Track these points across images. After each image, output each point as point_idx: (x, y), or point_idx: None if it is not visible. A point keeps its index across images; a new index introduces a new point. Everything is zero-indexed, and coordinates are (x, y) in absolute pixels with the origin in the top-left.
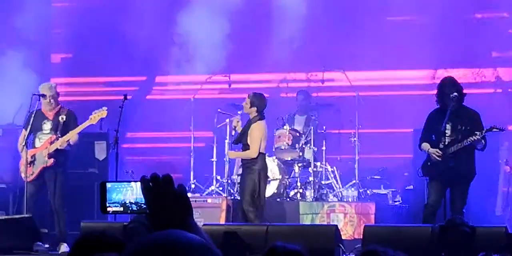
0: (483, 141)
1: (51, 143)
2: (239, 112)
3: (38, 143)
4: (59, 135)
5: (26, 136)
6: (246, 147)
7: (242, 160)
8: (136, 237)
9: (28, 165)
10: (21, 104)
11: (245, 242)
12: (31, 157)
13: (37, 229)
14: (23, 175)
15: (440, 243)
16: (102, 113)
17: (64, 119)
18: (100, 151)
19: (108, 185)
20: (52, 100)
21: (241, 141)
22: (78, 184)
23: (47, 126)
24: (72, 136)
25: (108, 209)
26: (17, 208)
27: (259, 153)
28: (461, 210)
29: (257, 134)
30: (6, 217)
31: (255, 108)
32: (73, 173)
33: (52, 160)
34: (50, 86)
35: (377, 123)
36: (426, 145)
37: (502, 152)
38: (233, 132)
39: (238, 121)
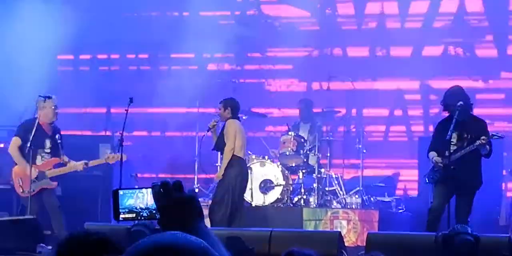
0: (487, 146)
1: (55, 166)
2: (244, 117)
3: (39, 161)
4: (65, 159)
5: (21, 146)
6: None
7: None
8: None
9: (26, 179)
10: (25, 106)
11: (248, 247)
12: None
13: (40, 231)
14: (20, 189)
15: (443, 252)
16: (124, 157)
17: (60, 140)
18: (105, 154)
19: (121, 192)
20: (57, 112)
21: (220, 146)
22: (82, 186)
23: (47, 144)
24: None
25: (121, 216)
26: (21, 209)
27: (234, 155)
28: (465, 219)
29: (230, 130)
30: (10, 218)
31: (229, 110)
32: (78, 175)
33: (56, 183)
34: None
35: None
36: (432, 154)
37: (506, 162)
38: (206, 133)
39: (215, 121)
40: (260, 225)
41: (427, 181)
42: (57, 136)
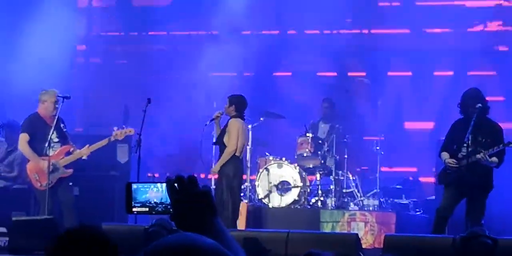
0: (493, 158)
1: (67, 153)
2: (261, 119)
3: (51, 152)
4: (74, 146)
5: (29, 141)
6: (224, 147)
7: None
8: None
9: (42, 173)
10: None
11: (265, 249)
12: (48, 164)
13: (58, 230)
14: (38, 183)
15: (461, 255)
16: (130, 131)
17: (65, 128)
18: (122, 154)
19: (134, 186)
20: (57, 106)
21: (220, 142)
22: (99, 186)
23: (54, 135)
24: (92, 149)
25: (134, 209)
26: (38, 209)
27: (233, 155)
28: (479, 221)
29: (234, 128)
30: (28, 218)
31: (233, 107)
32: (95, 175)
33: (71, 170)
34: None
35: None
36: (445, 154)
37: None
38: (209, 122)
39: (220, 113)
40: (277, 227)
41: (438, 182)
42: (62, 126)
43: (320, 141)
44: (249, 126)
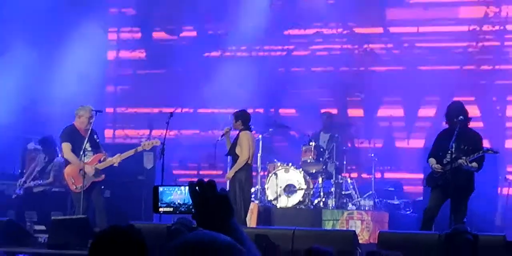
0: (473, 164)
1: (100, 160)
2: (270, 129)
3: (85, 160)
4: (106, 154)
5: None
6: (236, 157)
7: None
8: (178, 237)
9: (77, 177)
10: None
11: (274, 244)
12: (83, 171)
13: (91, 228)
14: (73, 186)
15: (446, 249)
16: (156, 142)
17: (98, 139)
18: (148, 161)
19: (160, 188)
20: (91, 122)
21: (232, 153)
22: (128, 190)
23: (87, 145)
24: (123, 157)
25: (160, 209)
26: (74, 210)
27: (246, 163)
28: (462, 220)
29: (244, 140)
30: (64, 217)
31: (240, 122)
32: (124, 180)
33: (103, 176)
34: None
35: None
36: (432, 160)
37: (500, 169)
38: (220, 138)
39: (228, 129)
40: (285, 224)
41: (426, 184)
42: (95, 137)
43: (321, 149)
44: (259, 136)
